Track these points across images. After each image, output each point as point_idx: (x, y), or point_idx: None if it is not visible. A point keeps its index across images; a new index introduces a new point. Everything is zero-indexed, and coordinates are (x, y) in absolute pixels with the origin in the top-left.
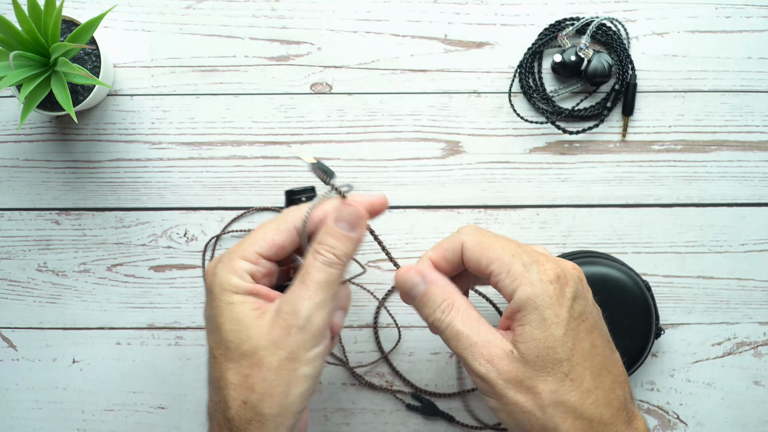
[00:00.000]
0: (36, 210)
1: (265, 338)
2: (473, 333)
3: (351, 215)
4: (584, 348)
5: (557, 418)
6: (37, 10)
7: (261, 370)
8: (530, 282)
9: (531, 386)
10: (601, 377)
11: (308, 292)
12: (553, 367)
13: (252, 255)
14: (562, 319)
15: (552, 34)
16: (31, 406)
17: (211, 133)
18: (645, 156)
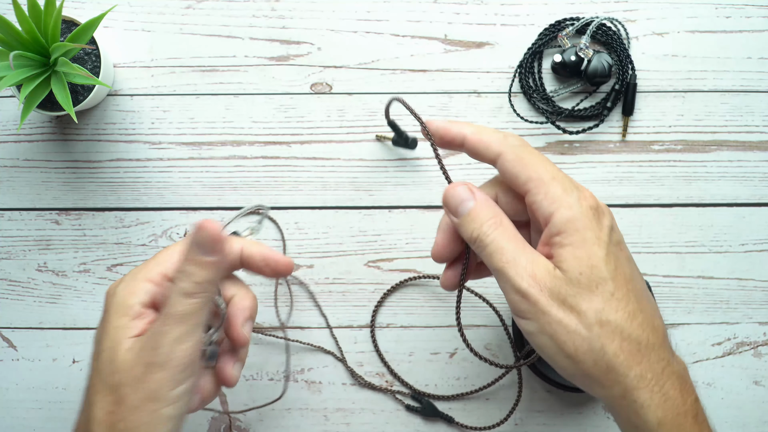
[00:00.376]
0: (36, 210)
1: (128, 373)
2: (518, 249)
3: (206, 238)
4: (626, 272)
5: (604, 337)
6: (37, 10)
7: (123, 408)
8: (570, 205)
9: (575, 304)
10: (644, 302)
11: (166, 326)
12: (597, 286)
13: (156, 276)
14: (603, 241)
15: (552, 34)
16: (31, 406)
17: (211, 133)
18: (645, 156)
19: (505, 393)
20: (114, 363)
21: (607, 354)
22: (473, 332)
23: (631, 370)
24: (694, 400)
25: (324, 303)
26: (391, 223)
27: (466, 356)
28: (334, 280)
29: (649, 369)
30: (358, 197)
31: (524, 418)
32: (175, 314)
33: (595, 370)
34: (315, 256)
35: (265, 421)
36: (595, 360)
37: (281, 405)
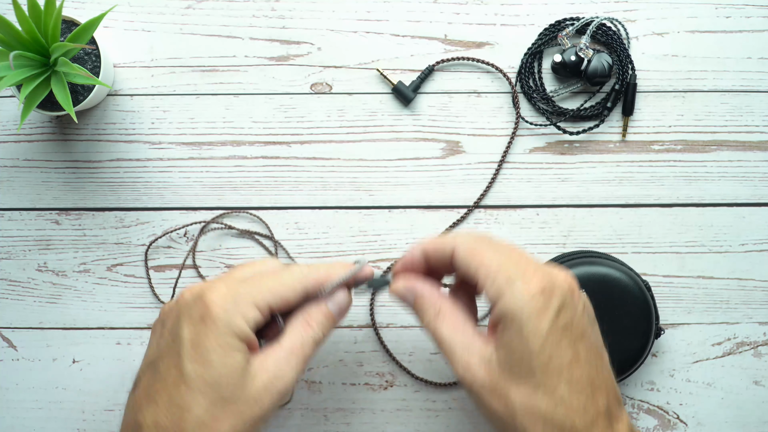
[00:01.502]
0: (36, 210)
1: (248, 393)
2: (456, 339)
3: (345, 304)
4: (563, 359)
5: (526, 423)
6: (37, 10)
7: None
8: (512, 295)
9: (504, 393)
10: (580, 387)
11: (295, 361)
12: (526, 376)
13: (264, 306)
14: (540, 331)
15: (552, 34)
16: (31, 406)
17: (211, 133)
18: (645, 156)
19: None
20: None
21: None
22: None
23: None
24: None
25: None
26: (391, 223)
27: None
28: None
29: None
30: (358, 197)
31: None
32: (306, 356)
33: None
34: (315, 256)
35: None
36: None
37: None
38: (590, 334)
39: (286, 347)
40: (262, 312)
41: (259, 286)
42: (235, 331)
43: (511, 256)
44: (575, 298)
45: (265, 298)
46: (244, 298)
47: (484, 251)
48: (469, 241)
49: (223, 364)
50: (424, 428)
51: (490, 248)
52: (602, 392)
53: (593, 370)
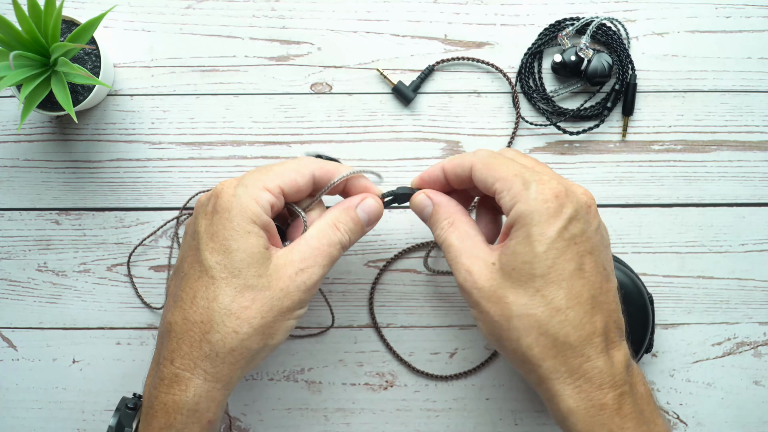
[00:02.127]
0: (36, 210)
1: (275, 283)
2: (463, 246)
3: (374, 211)
4: (566, 268)
5: (521, 330)
6: (37, 10)
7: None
8: (526, 199)
9: (502, 296)
10: (579, 300)
11: (322, 259)
12: (526, 281)
13: (276, 188)
14: (547, 237)
15: (552, 34)
16: (31, 406)
17: (211, 133)
18: (645, 156)
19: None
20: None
21: (521, 346)
22: (473, 332)
23: (544, 362)
24: (615, 396)
25: (324, 303)
26: (391, 223)
27: (466, 356)
28: (334, 280)
29: (564, 363)
30: None
31: (524, 418)
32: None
33: (513, 358)
34: None
35: (265, 421)
36: (513, 349)
37: (281, 405)
38: (600, 252)
39: (312, 244)
40: (273, 193)
41: (267, 171)
42: (249, 215)
43: (528, 164)
44: (590, 212)
45: (274, 181)
46: (254, 183)
47: (500, 163)
48: (487, 156)
49: (242, 249)
50: (424, 428)
51: (507, 160)
52: (602, 313)
53: (596, 288)
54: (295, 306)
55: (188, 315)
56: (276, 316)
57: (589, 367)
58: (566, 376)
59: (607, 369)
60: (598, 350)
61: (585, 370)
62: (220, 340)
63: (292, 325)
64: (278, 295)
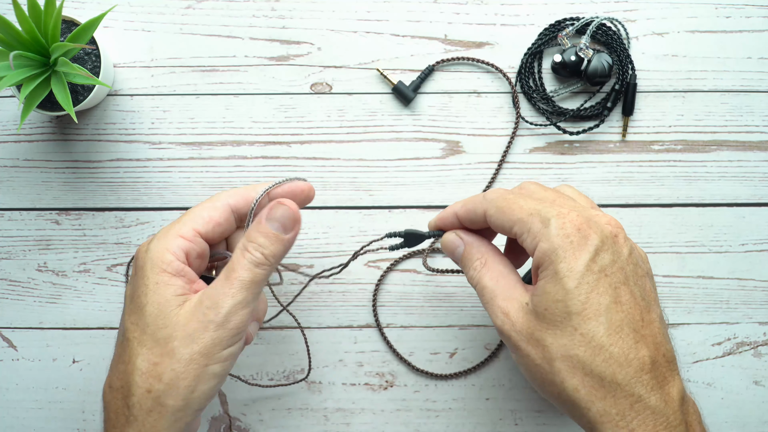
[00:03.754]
0: (36, 210)
1: (181, 329)
2: (497, 288)
3: (286, 216)
4: (602, 303)
5: (564, 372)
6: (37, 10)
7: (171, 360)
8: (548, 237)
9: (540, 339)
10: (621, 335)
11: (232, 289)
12: (562, 321)
13: (188, 231)
14: (575, 272)
15: (552, 34)
16: (31, 406)
17: (211, 133)
18: (645, 156)
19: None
20: (163, 318)
21: (566, 389)
22: (473, 332)
23: (594, 405)
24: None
25: (324, 303)
26: (391, 223)
27: (466, 356)
28: (334, 280)
29: (614, 405)
30: (358, 197)
31: (524, 418)
32: (243, 281)
33: (559, 402)
34: (315, 256)
35: (265, 421)
36: (558, 393)
37: (281, 405)
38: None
39: (221, 277)
40: (186, 238)
41: (181, 218)
42: (159, 266)
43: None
44: (618, 241)
45: (186, 225)
46: (165, 234)
47: (513, 205)
48: (498, 199)
49: (150, 302)
50: (424, 428)
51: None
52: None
53: (636, 320)
54: (209, 349)
55: (112, 382)
56: (189, 365)
57: (641, 408)
58: (618, 419)
59: (661, 408)
60: (649, 388)
61: (637, 411)
62: (136, 402)
63: (217, 371)
64: (185, 342)
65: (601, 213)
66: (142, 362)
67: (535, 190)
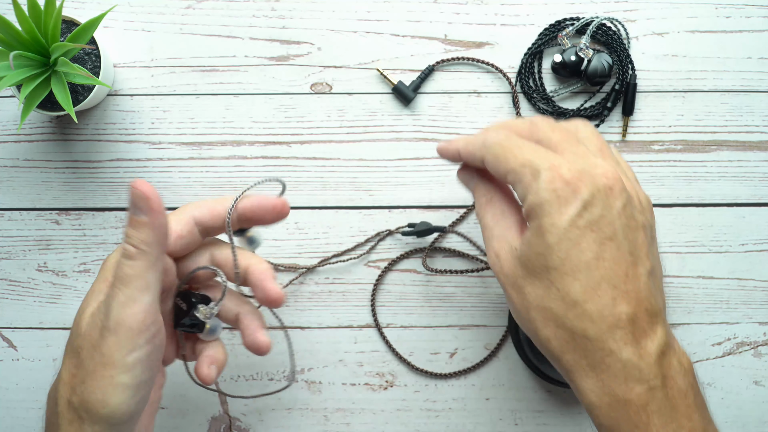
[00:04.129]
0: (36, 210)
1: (85, 338)
2: (496, 227)
3: (139, 197)
4: (582, 259)
5: (538, 322)
6: (37, 10)
7: (81, 372)
8: (536, 190)
9: (521, 286)
10: (598, 291)
11: (114, 289)
12: (541, 273)
13: None
14: (558, 227)
15: (552, 34)
16: (31, 406)
17: (211, 133)
18: (645, 156)
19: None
20: (77, 327)
21: (540, 338)
22: (473, 332)
23: (564, 356)
24: (642, 391)
25: (324, 303)
26: (391, 223)
27: (466, 356)
28: (334, 280)
29: (584, 357)
30: (358, 197)
31: (524, 418)
32: (120, 277)
33: (538, 346)
34: (315, 256)
35: (265, 421)
36: (534, 338)
37: (281, 405)
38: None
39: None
40: None
41: None
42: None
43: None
44: (612, 194)
45: None
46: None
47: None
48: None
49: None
50: (424, 428)
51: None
52: (627, 300)
53: (619, 276)
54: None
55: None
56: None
57: (612, 361)
58: (588, 369)
59: (634, 362)
60: (622, 343)
61: (608, 364)
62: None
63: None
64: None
65: (601, 162)
66: (65, 372)
67: (543, 128)
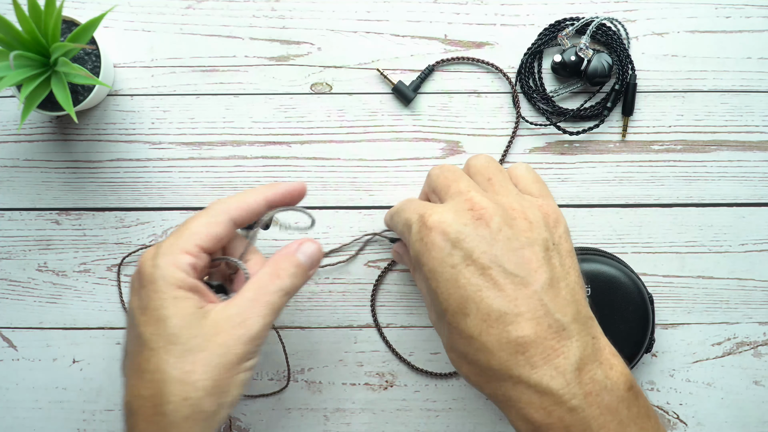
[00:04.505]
0: (36, 210)
1: (213, 340)
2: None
3: (315, 255)
4: (465, 294)
5: (455, 362)
6: (37, 10)
7: (206, 368)
8: (411, 244)
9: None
10: (489, 321)
11: (262, 309)
12: (441, 316)
13: (194, 248)
14: (434, 271)
15: (552, 34)
16: (31, 406)
17: (211, 133)
18: (645, 156)
19: None
20: (193, 328)
21: (463, 375)
22: None
23: (483, 389)
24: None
25: (324, 303)
26: None
27: None
28: (334, 280)
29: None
30: (358, 197)
31: None
32: (274, 304)
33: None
34: None
35: (265, 421)
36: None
37: (281, 405)
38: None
39: (248, 295)
40: (192, 254)
41: (182, 232)
42: (173, 282)
43: (435, 193)
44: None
45: (190, 241)
46: (171, 249)
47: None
48: (392, 214)
49: (173, 314)
50: (424, 428)
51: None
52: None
53: (503, 303)
54: (239, 359)
55: (139, 391)
56: (222, 373)
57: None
58: (505, 400)
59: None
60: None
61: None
62: (173, 410)
63: (244, 379)
64: (219, 352)
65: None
66: (174, 371)
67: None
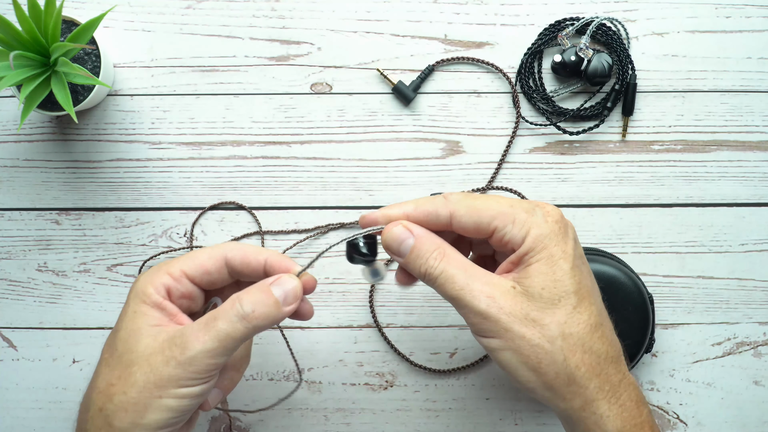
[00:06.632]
0: (36, 210)
1: (144, 357)
2: (471, 275)
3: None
4: (588, 285)
5: (566, 350)
6: (37, 10)
7: (126, 384)
8: (538, 224)
9: (537, 318)
10: (604, 316)
11: (206, 335)
12: (560, 299)
13: (176, 271)
14: (568, 254)
15: (552, 34)
16: (31, 406)
17: (211, 133)
18: (645, 156)
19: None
20: (132, 344)
21: (569, 366)
22: None
23: (591, 382)
24: (648, 412)
25: (324, 303)
26: None
27: (466, 356)
28: (334, 280)
29: (607, 381)
30: (358, 197)
31: (524, 418)
32: (220, 331)
33: (557, 382)
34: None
35: (265, 421)
36: (557, 372)
37: (281, 405)
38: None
39: (202, 320)
40: (173, 276)
41: (179, 258)
42: (140, 297)
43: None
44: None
45: (176, 265)
46: (158, 268)
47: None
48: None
49: (124, 328)
50: (424, 428)
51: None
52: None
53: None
54: (166, 382)
55: (83, 399)
56: (142, 392)
57: (626, 384)
58: (610, 395)
59: (634, 383)
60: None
61: (624, 386)
62: (89, 419)
63: (172, 405)
64: (145, 370)
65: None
66: (101, 381)
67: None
